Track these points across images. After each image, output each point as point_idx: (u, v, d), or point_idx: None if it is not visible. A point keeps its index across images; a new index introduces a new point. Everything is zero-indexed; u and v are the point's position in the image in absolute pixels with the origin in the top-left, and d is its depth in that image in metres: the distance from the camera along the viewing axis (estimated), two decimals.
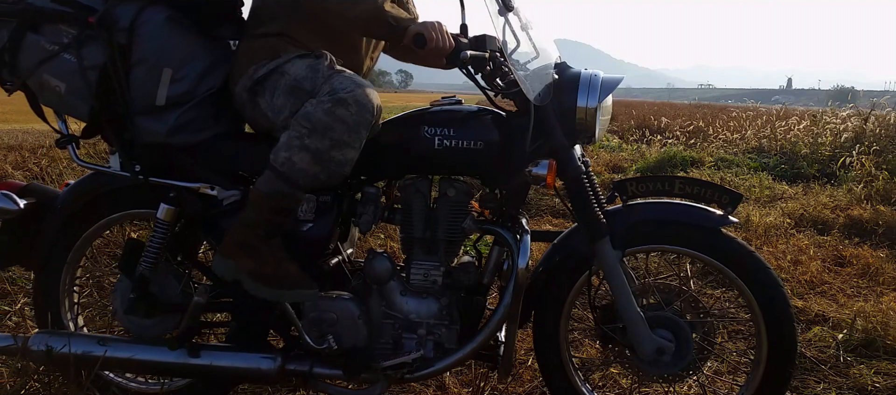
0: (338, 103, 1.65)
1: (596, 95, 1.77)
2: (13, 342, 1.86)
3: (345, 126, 1.65)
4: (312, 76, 1.73)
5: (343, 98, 1.65)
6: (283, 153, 1.67)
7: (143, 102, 1.74)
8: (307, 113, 1.67)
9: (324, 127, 1.64)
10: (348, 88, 1.67)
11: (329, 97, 1.66)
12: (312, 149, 1.65)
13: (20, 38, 1.69)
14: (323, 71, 1.73)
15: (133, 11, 1.70)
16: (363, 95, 1.68)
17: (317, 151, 1.65)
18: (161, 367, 1.89)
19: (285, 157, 1.66)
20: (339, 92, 1.66)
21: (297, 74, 1.74)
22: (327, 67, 1.74)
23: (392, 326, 1.88)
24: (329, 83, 1.69)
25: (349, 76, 1.72)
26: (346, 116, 1.65)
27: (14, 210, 1.83)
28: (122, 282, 1.93)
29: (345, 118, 1.65)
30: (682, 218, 1.87)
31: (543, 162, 1.73)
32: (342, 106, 1.65)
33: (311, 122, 1.65)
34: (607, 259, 1.82)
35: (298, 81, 1.74)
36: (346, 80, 1.69)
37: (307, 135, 1.65)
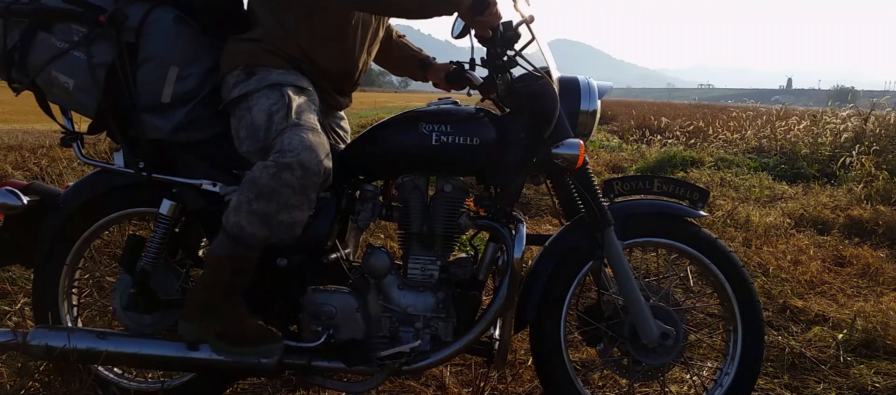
0: (283, 168, 1.65)
1: (595, 99, 1.91)
2: (13, 338, 1.86)
3: (291, 190, 1.66)
4: (267, 125, 1.72)
5: (288, 163, 1.65)
6: (232, 217, 1.69)
7: (149, 99, 1.77)
8: (254, 178, 1.68)
9: (270, 192, 1.66)
10: (295, 151, 1.66)
11: (274, 161, 1.66)
12: (260, 213, 1.66)
13: (31, 37, 1.73)
14: (277, 121, 1.72)
15: (142, 11, 1.74)
16: (309, 158, 1.67)
17: (264, 214, 1.66)
18: (161, 361, 1.89)
19: (235, 221, 1.68)
20: (286, 155, 1.65)
21: (257, 117, 1.74)
22: (282, 118, 1.72)
23: (389, 319, 1.90)
24: (279, 140, 1.69)
25: (300, 134, 1.69)
26: (291, 180, 1.65)
27: (17, 206, 1.85)
28: (122, 280, 1.93)
29: (290, 183, 1.66)
30: (666, 211, 2.02)
31: (570, 141, 1.78)
32: (287, 171, 1.65)
33: (257, 187, 1.67)
34: (614, 248, 1.90)
35: (255, 126, 1.74)
36: (295, 139, 1.68)
37: (255, 199, 1.66)
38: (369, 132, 1.94)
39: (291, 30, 1.82)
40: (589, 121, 1.91)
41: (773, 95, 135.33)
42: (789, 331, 3.01)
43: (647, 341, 1.93)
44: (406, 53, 2.27)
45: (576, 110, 1.89)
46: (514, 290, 1.84)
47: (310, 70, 1.86)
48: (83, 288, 2.42)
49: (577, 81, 1.92)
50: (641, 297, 1.93)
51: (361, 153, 1.93)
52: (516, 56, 1.83)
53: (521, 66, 1.84)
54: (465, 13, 1.71)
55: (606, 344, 2.03)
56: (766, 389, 2.46)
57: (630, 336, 1.97)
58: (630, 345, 1.98)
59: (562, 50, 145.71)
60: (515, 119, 1.89)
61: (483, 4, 1.67)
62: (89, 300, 2.52)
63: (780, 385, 2.49)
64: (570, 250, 1.96)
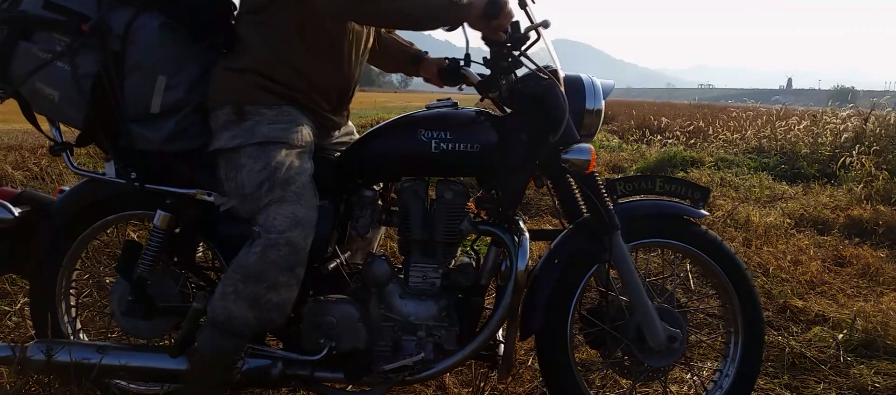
0: (269, 248, 1.64)
1: (600, 98, 1.89)
2: (11, 353, 1.84)
3: (278, 269, 1.65)
4: (255, 193, 1.70)
5: (274, 241, 1.64)
6: (220, 304, 1.67)
7: (137, 109, 1.72)
8: (239, 263, 1.67)
9: (257, 272, 1.65)
10: (281, 228, 1.64)
11: (261, 242, 1.65)
12: (247, 296, 1.66)
13: (12, 47, 1.66)
14: (264, 192, 1.69)
15: (126, 18, 1.67)
16: (295, 236, 1.66)
17: (252, 297, 1.66)
18: (162, 374, 1.88)
19: (222, 307, 1.67)
20: (271, 233, 1.65)
21: (246, 182, 1.71)
22: (268, 191, 1.68)
23: (391, 328, 1.88)
24: (265, 214, 1.67)
25: (286, 208, 1.67)
26: (277, 259, 1.64)
27: (8, 219, 1.82)
28: (120, 284, 1.91)
29: (277, 261, 1.65)
30: (670, 212, 2.01)
31: (581, 146, 1.77)
32: (273, 250, 1.64)
33: (244, 269, 1.66)
34: (621, 251, 1.89)
35: (243, 190, 1.72)
36: (280, 215, 1.66)
37: (241, 281, 1.66)
38: (367, 137, 1.91)
39: (283, 51, 1.76)
40: (594, 121, 1.89)
41: (773, 95, 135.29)
42: (789, 331, 3.01)
43: (655, 344, 1.92)
44: (396, 49, 2.21)
45: (581, 110, 1.87)
46: (517, 299, 1.82)
47: (305, 93, 1.80)
48: (83, 289, 2.41)
49: (582, 80, 1.90)
50: (648, 300, 1.92)
51: (359, 158, 1.90)
52: (521, 56, 1.79)
53: (527, 66, 1.80)
54: (477, 21, 1.66)
55: (610, 346, 2.02)
56: (766, 389, 2.45)
57: (635, 338, 1.96)
58: (635, 347, 1.97)
59: (561, 50, 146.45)
60: (517, 120, 1.86)
61: (496, 8, 1.63)
62: (89, 301, 2.52)
63: (780, 385, 2.48)
64: (576, 253, 1.94)
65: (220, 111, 1.75)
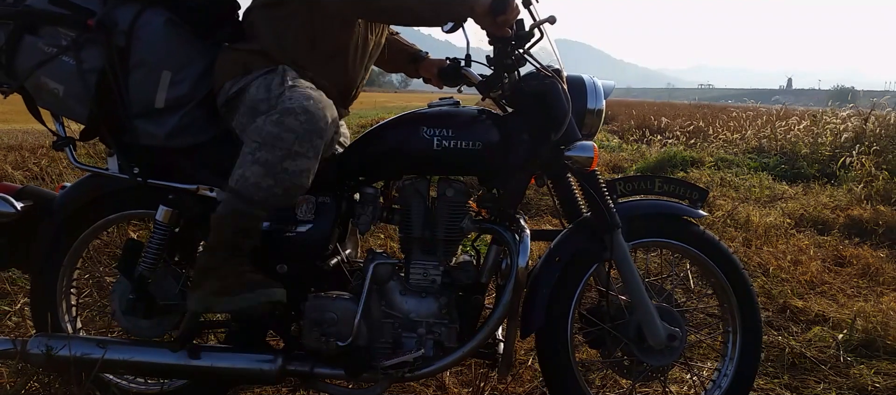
0: (285, 114, 1.64)
1: (602, 98, 1.90)
2: (12, 347, 1.85)
3: (294, 135, 1.63)
4: (267, 96, 1.72)
5: (290, 108, 1.64)
6: (237, 171, 1.67)
7: (141, 104, 1.73)
8: (256, 127, 1.67)
9: (272, 138, 1.63)
10: (297, 101, 1.65)
11: (277, 111, 1.65)
12: (263, 161, 1.64)
13: (18, 41, 1.68)
14: (275, 89, 1.71)
15: (132, 14, 1.69)
16: (313, 105, 1.66)
17: (267, 162, 1.64)
18: (162, 369, 1.88)
19: (239, 174, 1.66)
20: (288, 104, 1.65)
21: (255, 95, 1.73)
22: (278, 84, 1.72)
23: (392, 325, 1.88)
24: (280, 99, 1.68)
25: (301, 91, 1.69)
26: (294, 125, 1.63)
27: (11, 213, 1.82)
28: (121, 283, 1.92)
29: (293, 128, 1.63)
30: (669, 212, 2.01)
31: (584, 144, 1.77)
32: (290, 116, 1.63)
33: (260, 135, 1.65)
34: (622, 250, 1.89)
35: (255, 102, 1.73)
36: (296, 94, 1.68)
37: (257, 148, 1.65)
38: (369, 134, 1.92)
39: (289, 49, 1.79)
40: (595, 120, 1.90)
41: (773, 95, 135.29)
42: (789, 331, 3.01)
43: (655, 343, 1.93)
44: (397, 49, 2.22)
45: (582, 110, 1.87)
46: (518, 297, 1.83)
47: None
48: (83, 288, 2.42)
49: (584, 80, 1.91)
50: (648, 299, 1.92)
51: (361, 155, 1.91)
52: (525, 55, 1.79)
53: (531, 64, 1.80)
54: (483, 16, 1.65)
55: (610, 345, 2.02)
56: (766, 389, 2.46)
57: (635, 338, 1.96)
58: (635, 346, 1.97)
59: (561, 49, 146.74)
60: (519, 119, 1.87)
61: (503, 4, 1.62)
62: (89, 300, 2.52)
63: (780, 385, 2.49)
64: (576, 253, 1.94)
65: (227, 83, 1.77)
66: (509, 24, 1.69)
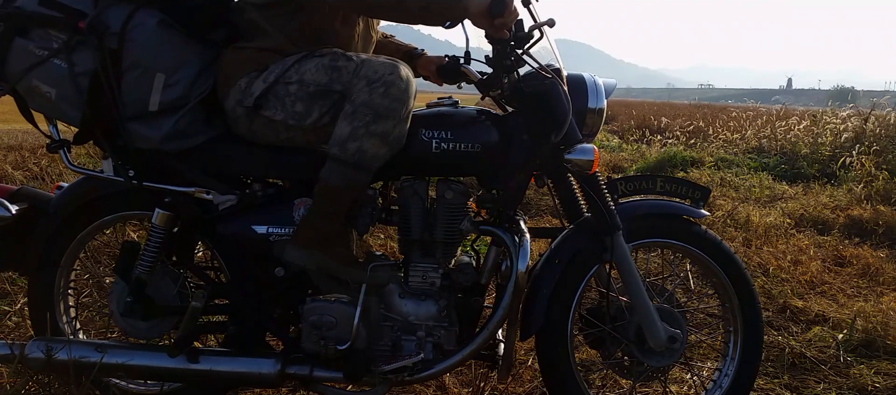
0: (390, 86, 1.68)
1: (603, 97, 1.89)
2: (10, 352, 1.84)
3: (400, 103, 1.70)
4: (337, 76, 1.73)
5: (392, 80, 1.69)
6: (352, 144, 1.68)
7: (135, 107, 1.71)
8: (365, 102, 1.69)
9: (385, 110, 1.68)
10: (388, 71, 1.70)
11: (380, 84, 1.69)
12: (380, 133, 1.68)
13: (8, 43, 1.65)
14: (346, 67, 1.74)
15: (123, 15, 1.66)
16: (403, 71, 1.73)
17: (384, 133, 1.69)
18: (161, 372, 1.87)
19: (356, 147, 1.68)
20: (386, 76, 1.69)
21: (317, 79, 1.74)
22: (346, 60, 1.75)
23: (391, 328, 1.88)
24: (363, 73, 1.71)
25: (375, 61, 1.74)
26: (399, 94, 1.70)
27: (6, 217, 1.81)
28: (119, 284, 1.90)
29: (400, 97, 1.70)
30: (670, 212, 2.01)
31: (584, 147, 1.77)
32: (394, 87, 1.69)
33: (373, 109, 1.68)
34: (622, 251, 1.88)
35: (322, 84, 1.73)
36: (377, 65, 1.72)
37: (372, 121, 1.68)
38: None
39: (301, 44, 1.79)
40: (596, 120, 1.90)
41: (773, 95, 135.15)
42: (789, 331, 3.01)
43: (655, 344, 1.92)
44: (392, 50, 2.21)
45: (583, 109, 1.87)
46: (517, 299, 1.82)
47: None
48: (82, 289, 2.41)
49: (584, 79, 1.90)
50: (649, 300, 1.92)
51: None
52: (524, 55, 1.77)
53: (530, 65, 1.79)
54: (481, 18, 1.64)
55: (610, 346, 2.02)
56: (766, 389, 2.45)
57: (635, 338, 1.96)
58: (635, 347, 1.97)
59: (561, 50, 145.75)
60: (519, 119, 1.86)
61: (501, 6, 1.61)
62: (88, 301, 2.52)
63: (780, 385, 2.48)
64: (576, 254, 1.93)
65: (242, 80, 1.77)
66: (507, 26, 1.68)
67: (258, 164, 1.81)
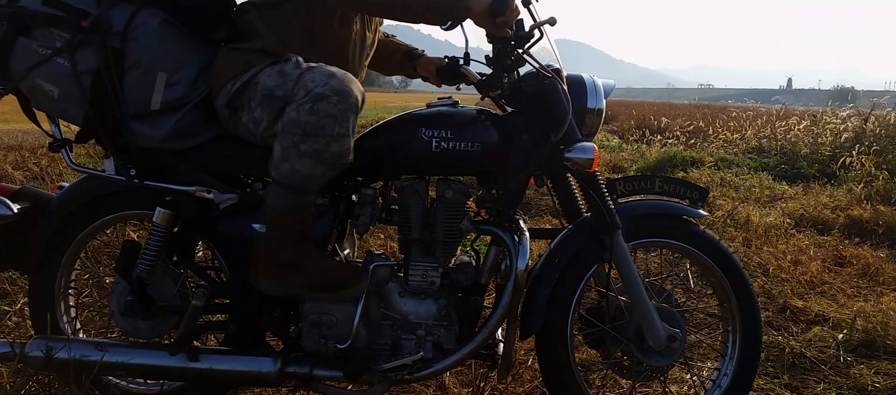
0: (318, 100, 1.62)
1: (602, 97, 1.89)
2: (10, 350, 1.84)
3: (332, 120, 1.63)
4: (282, 82, 1.70)
5: (321, 93, 1.63)
6: (283, 166, 1.66)
7: (137, 106, 1.72)
8: (292, 120, 1.65)
9: (313, 127, 1.63)
10: (322, 82, 1.64)
11: (307, 97, 1.64)
12: (310, 152, 1.64)
13: (11, 42, 1.66)
14: (291, 74, 1.70)
15: (126, 15, 1.67)
16: (339, 83, 1.65)
17: (315, 152, 1.64)
18: (161, 371, 1.87)
19: (288, 168, 1.65)
20: (315, 88, 1.63)
21: (267, 82, 1.72)
22: (293, 67, 1.72)
23: (391, 327, 1.88)
24: (301, 83, 1.67)
25: (319, 70, 1.68)
26: (329, 109, 1.63)
27: (8, 216, 1.81)
28: (119, 284, 1.91)
29: (330, 112, 1.63)
30: (669, 212, 2.01)
31: (584, 145, 1.76)
32: (323, 101, 1.62)
33: (299, 127, 1.63)
34: (622, 251, 1.89)
35: (270, 89, 1.71)
36: (316, 74, 1.67)
37: (301, 141, 1.64)
38: (367, 134, 1.91)
39: (293, 46, 1.78)
40: (595, 120, 1.90)
41: (773, 95, 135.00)
42: (789, 331, 3.01)
43: (655, 344, 1.93)
44: (392, 49, 2.21)
45: (583, 109, 1.87)
46: (517, 299, 1.82)
47: None
48: (83, 289, 2.41)
49: (584, 79, 1.90)
50: (648, 300, 1.92)
51: (360, 155, 1.87)
52: (524, 54, 1.77)
53: (530, 64, 1.79)
54: (482, 17, 1.64)
55: (609, 346, 2.02)
56: (766, 389, 2.45)
57: (635, 338, 1.96)
58: (635, 347, 1.97)
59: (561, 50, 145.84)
60: (518, 119, 1.86)
61: (502, 5, 1.61)
62: (89, 300, 2.52)
63: (780, 385, 2.48)
64: (576, 254, 1.93)
65: (228, 83, 1.76)
66: (509, 25, 1.68)
67: (258, 163, 1.81)
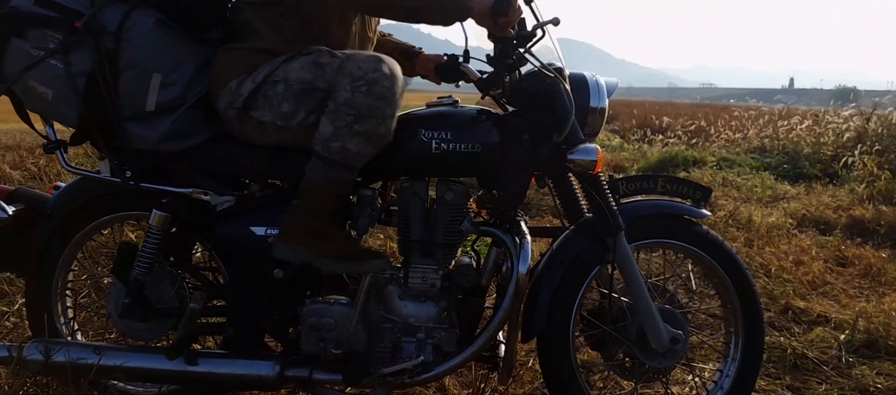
0: (374, 83, 1.65)
1: (604, 96, 1.87)
2: (8, 353, 1.83)
3: (385, 102, 1.66)
4: (321, 74, 1.71)
5: (375, 78, 1.65)
6: (335, 143, 1.66)
7: (132, 108, 1.70)
8: (347, 101, 1.66)
9: (368, 109, 1.65)
10: (373, 67, 1.66)
11: (363, 81, 1.65)
12: (363, 132, 1.66)
13: (4, 44, 1.65)
14: (329, 63, 1.71)
15: (120, 15, 1.65)
16: (387, 66, 1.68)
17: (368, 132, 1.66)
18: (159, 375, 1.86)
19: (339, 146, 1.66)
20: (369, 73, 1.66)
21: (302, 76, 1.72)
22: (329, 58, 1.72)
23: (391, 330, 1.86)
24: (347, 70, 1.68)
25: (359, 56, 1.70)
26: (384, 92, 1.66)
27: (3, 218, 1.80)
28: (117, 285, 1.90)
29: (384, 95, 1.66)
30: (672, 212, 2.00)
31: (587, 147, 1.75)
32: (377, 85, 1.65)
33: (355, 108, 1.65)
34: (624, 252, 1.88)
35: (307, 83, 1.71)
36: (361, 60, 1.68)
37: (355, 121, 1.65)
38: None
39: (294, 45, 1.77)
40: (598, 119, 1.88)
41: (775, 95, 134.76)
42: (791, 332, 3.00)
43: (657, 345, 1.91)
44: (389, 49, 2.19)
45: (585, 108, 1.85)
46: (519, 301, 1.81)
47: None
48: (80, 289, 2.40)
49: (586, 78, 1.88)
50: (651, 301, 1.91)
51: None
52: (526, 53, 1.75)
53: (532, 64, 1.77)
54: (484, 17, 1.63)
55: (611, 347, 2.00)
56: (767, 390, 2.44)
57: (637, 339, 1.95)
58: (637, 348, 1.96)
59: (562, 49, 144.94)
60: (519, 119, 1.85)
61: (505, 5, 1.60)
62: (86, 301, 2.51)
63: (781, 386, 2.47)
64: (578, 255, 1.92)
65: (233, 82, 1.75)
66: (511, 25, 1.67)
67: (256, 164, 1.80)
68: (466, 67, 1.83)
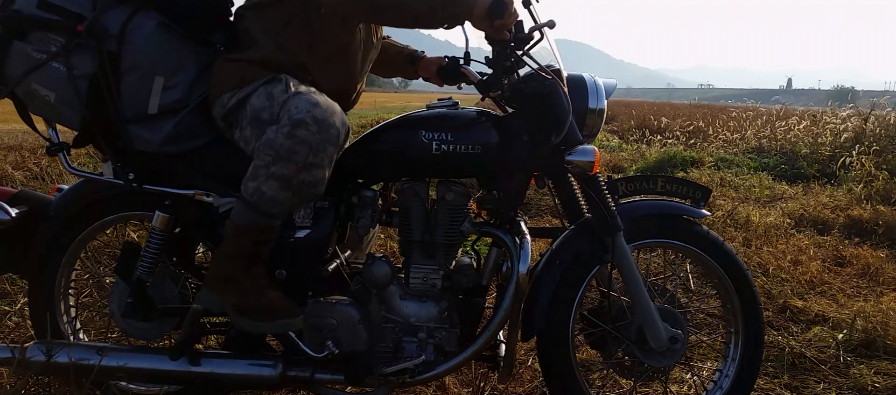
0: (297, 125, 1.60)
1: (603, 97, 1.89)
2: (11, 355, 1.83)
3: (308, 147, 1.61)
4: (269, 105, 1.69)
5: (301, 119, 1.61)
6: (251, 183, 1.64)
7: (134, 110, 1.70)
8: (268, 140, 1.63)
9: (287, 152, 1.60)
10: (305, 109, 1.62)
11: (287, 121, 1.62)
12: (279, 176, 1.61)
13: (6, 47, 1.64)
14: (278, 96, 1.69)
15: (122, 18, 1.65)
16: (321, 113, 1.63)
17: (284, 177, 1.61)
18: (162, 375, 1.87)
19: (254, 187, 1.64)
20: (296, 114, 1.61)
21: (256, 104, 1.71)
22: (281, 91, 1.70)
23: (392, 330, 1.88)
24: (285, 108, 1.65)
25: (305, 97, 1.66)
26: (307, 136, 1.61)
27: (6, 220, 1.80)
28: (119, 285, 1.91)
29: (306, 139, 1.61)
30: (671, 212, 2.00)
31: (584, 148, 1.77)
32: (301, 127, 1.60)
33: (273, 149, 1.61)
34: (623, 252, 1.88)
35: (257, 111, 1.70)
36: (301, 101, 1.64)
37: (272, 162, 1.61)
38: (367, 136, 1.90)
39: (290, 51, 1.76)
40: (596, 120, 1.89)
41: (773, 95, 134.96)
42: (789, 331, 3.01)
43: (656, 344, 1.93)
44: (392, 52, 2.20)
45: (583, 109, 1.86)
46: (519, 301, 1.82)
47: None
48: (83, 289, 2.41)
49: (584, 79, 1.89)
50: (650, 301, 1.92)
51: (360, 157, 1.89)
52: (524, 55, 1.76)
53: (530, 66, 1.78)
54: (481, 19, 1.62)
55: (611, 346, 2.02)
56: (766, 389, 2.46)
57: (636, 339, 1.96)
58: (636, 347, 1.97)
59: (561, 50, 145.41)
60: (519, 120, 1.86)
61: (501, 8, 1.60)
62: (89, 301, 2.52)
63: (780, 385, 2.49)
64: (577, 255, 1.93)
65: (225, 95, 1.75)
66: (507, 27, 1.67)
67: None
68: (467, 69, 1.84)
